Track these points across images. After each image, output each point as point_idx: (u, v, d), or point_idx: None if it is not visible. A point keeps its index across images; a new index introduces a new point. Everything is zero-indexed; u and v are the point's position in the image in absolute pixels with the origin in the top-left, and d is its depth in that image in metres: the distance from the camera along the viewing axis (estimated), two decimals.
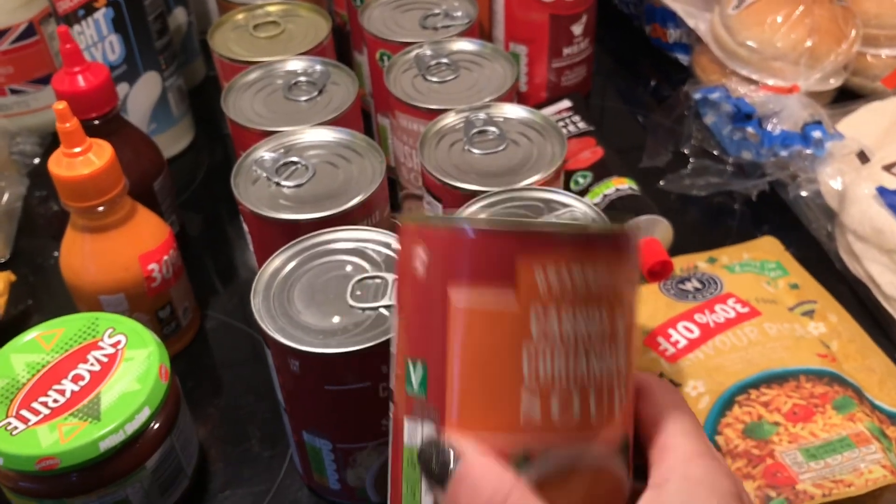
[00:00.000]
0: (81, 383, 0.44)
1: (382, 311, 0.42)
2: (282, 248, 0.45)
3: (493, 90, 0.57)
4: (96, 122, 0.57)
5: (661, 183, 0.67)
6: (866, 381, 0.50)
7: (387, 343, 0.40)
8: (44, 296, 0.63)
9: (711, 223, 0.66)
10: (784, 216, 0.65)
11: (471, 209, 0.47)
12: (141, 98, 0.70)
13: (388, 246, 0.46)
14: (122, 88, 0.69)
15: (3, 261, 0.66)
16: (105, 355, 0.46)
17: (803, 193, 0.63)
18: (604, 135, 0.70)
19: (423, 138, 0.52)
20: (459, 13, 0.64)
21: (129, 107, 0.70)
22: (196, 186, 0.74)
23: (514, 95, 0.59)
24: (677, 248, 0.61)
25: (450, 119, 0.54)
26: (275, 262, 0.45)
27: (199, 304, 0.61)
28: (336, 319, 0.42)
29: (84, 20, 0.65)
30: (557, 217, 0.46)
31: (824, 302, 0.56)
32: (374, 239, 0.46)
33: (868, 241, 0.58)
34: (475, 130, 0.53)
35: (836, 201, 0.61)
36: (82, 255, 0.52)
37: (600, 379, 0.28)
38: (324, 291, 0.44)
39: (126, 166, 0.59)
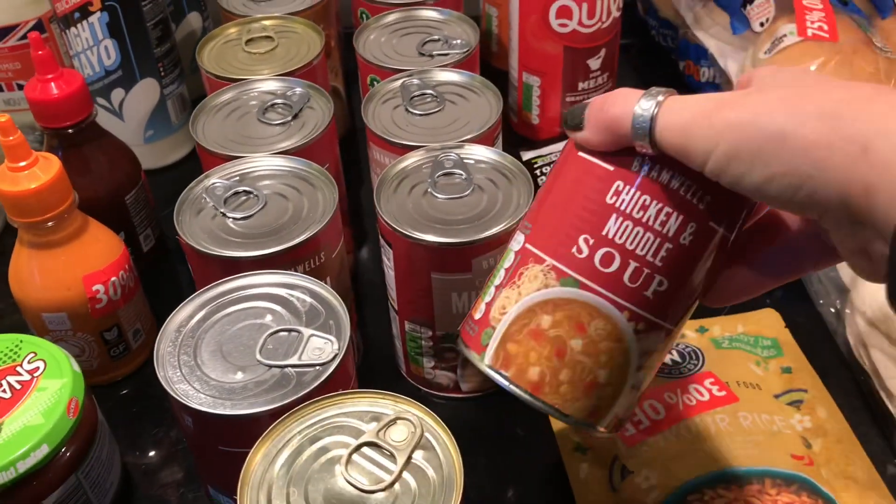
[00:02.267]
0: None
1: (289, 370, 0.39)
2: (198, 291, 0.43)
3: (475, 126, 0.54)
4: (70, 130, 0.56)
5: None
6: (844, 491, 0.45)
7: (285, 407, 0.37)
8: (8, 299, 0.62)
9: None
10: (792, 287, 0.58)
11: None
12: (136, 105, 0.69)
13: (314, 295, 0.43)
14: (117, 94, 0.68)
15: None
16: (20, 382, 0.44)
17: None
18: None
19: (382, 180, 0.49)
20: (459, 41, 0.61)
21: (124, 113, 0.69)
22: None
23: (498, 131, 0.55)
24: None
25: (416, 158, 0.51)
26: (189, 305, 0.43)
27: (160, 324, 0.59)
28: (239, 375, 0.39)
29: (80, 23, 0.64)
30: None
31: (816, 392, 0.50)
32: (301, 286, 0.43)
33: (877, 326, 0.52)
34: (441, 172, 0.50)
35: (848, 277, 0.55)
36: (27, 271, 0.51)
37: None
38: (234, 341, 0.41)
39: (97, 178, 0.58)
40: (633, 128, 0.31)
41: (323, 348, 0.39)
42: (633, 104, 0.31)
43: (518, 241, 0.35)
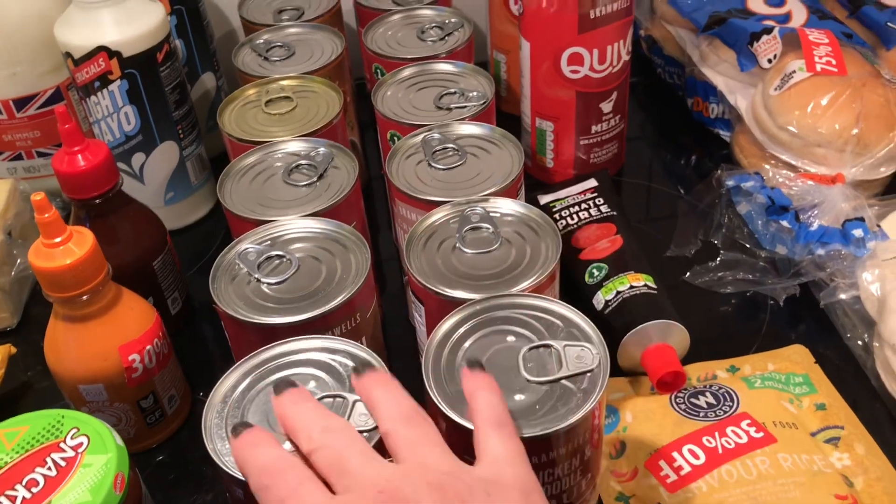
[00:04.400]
0: (35, 489, 0.43)
1: None
2: (242, 360, 0.43)
3: (499, 179, 0.55)
4: (97, 201, 0.56)
5: (687, 275, 0.63)
6: None
7: None
8: (37, 366, 0.63)
9: (738, 323, 0.61)
10: (818, 320, 0.59)
11: (451, 321, 0.44)
12: (157, 168, 0.69)
13: (355, 358, 0.43)
14: (137, 158, 0.68)
15: (9, 329, 0.66)
16: (64, 458, 0.44)
17: (842, 297, 0.58)
18: (630, 215, 0.66)
19: (410, 238, 0.50)
20: (475, 93, 0.62)
21: (144, 176, 0.69)
22: (213, 253, 0.73)
23: (521, 183, 0.56)
24: (698, 349, 0.57)
25: (443, 214, 0.51)
26: (233, 374, 0.43)
27: (193, 385, 0.59)
28: (288, 445, 0.39)
29: (100, 91, 0.65)
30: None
31: (852, 428, 0.51)
32: (342, 350, 0.44)
33: None
34: (468, 227, 0.50)
35: (875, 309, 0.56)
36: (63, 343, 0.51)
37: None
38: None
39: (125, 246, 0.58)
40: None
41: (368, 414, 0.40)
42: None
43: None
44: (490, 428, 0.36)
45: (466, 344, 0.43)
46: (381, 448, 0.36)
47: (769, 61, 0.68)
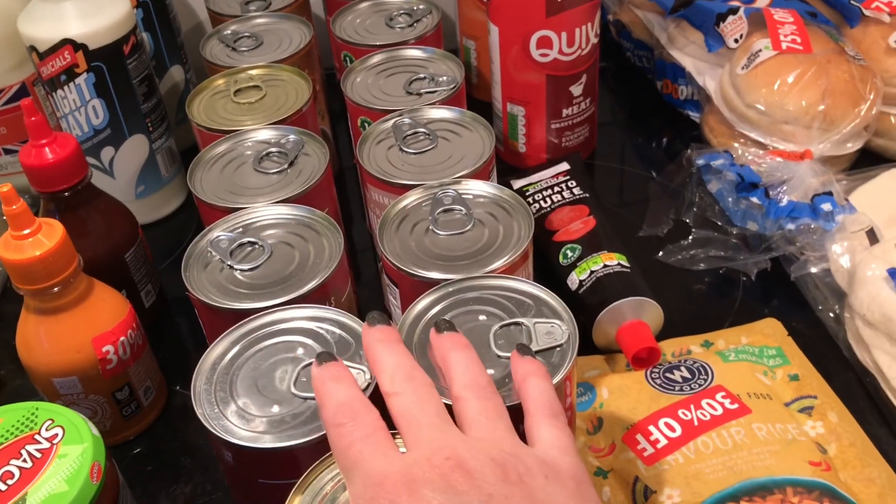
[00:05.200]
0: (10, 482, 0.42)
1: None
2: (230, 329, 0.43)
3: (470, 161, 0.55)
4: (66, 193, 0.56)
5: (660, 254, 0.63)
6: (864, 492, 0.46)
7: (323, 438, 0.37)
8: (9, 364, 0.62)
9: (711, 299, 0.61)
10: (790, 294, 0.60)
11: (425, 301, 0.44)
12: (127, 161, 0.69)
13: (342, 326, 0.43)
14: (107, 152, 0.68)
15: None
16: (39, 450, 0.44)
17: (812, 271, 0.59)
18: (603, 198, 0.66)
19: (383, 221, 0.50)
20: (445, 77, 0.62)
21: (114, 170, 0.69)
22: (185, 246, 0.73)
23: (493, 165, 0.56)
24: (672, 327, 0.57)
25: (415, 197, 0.52)
26: (221, 343, 0.43)
27: (169, 378, 0.59)
28: (275, 409, 0.40)
29: (66, 85, 0.64)
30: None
31: (825, 398, 0.51)
32: (329, 318, 0.44)
33: (877, 327, 0.53)
34: (441, 209, 0.50)
35: (845, 281, 0.57)
36: (35, 336, 0.51)
37: None
38: (268, 376, 0.41)
39: (96, 239, 0.58)
40: None
41: (356, 377, 0.40)
42: None
43: None
44: (544, 415, 0.36)
45: None
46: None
47: (736, 41, 0.69)
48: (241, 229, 0.51)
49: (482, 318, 0.43)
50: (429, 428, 0.34)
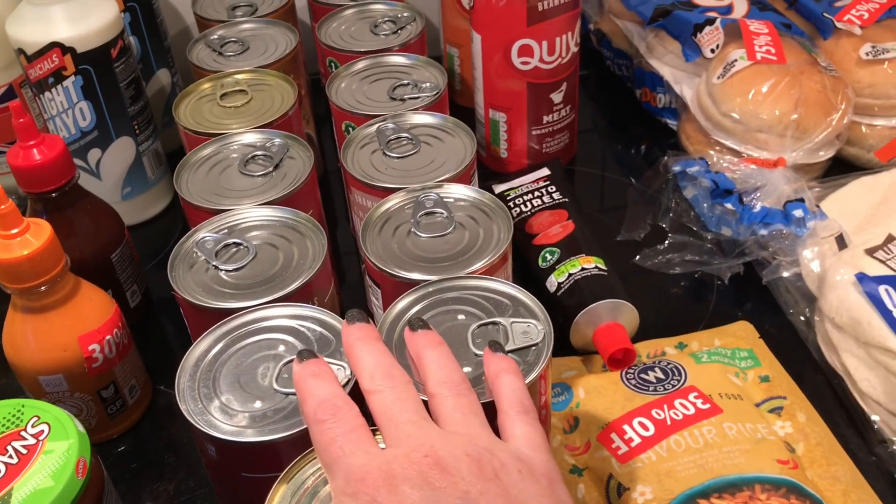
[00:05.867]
0: None
1: None
2: (214, 326, 0.44)
3: (452, 166, 0.56)
4: (53, 194, 0.57)
5: (637, 258, 0.65)
6: (829, 490, 0.47)
7: (304, 432, 0.38)
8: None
9: (686, 302, 0.63)
10: (763, 297, 0.62)
11: (405, 301, 0.45)
12: (113, 163, 0.70)
13: (324, 324, 0.44)
14: (94, 154, 0.69)
15: None
16: (25, 446, 0.44)
17: (784, 275, 0.60)
18: (583, 203, 0.68)
19: (366, 223, 0.51)
20: (428, 84, 0.63)
21: (101, 172, 0.70)
22: (171, 247, 0.73)
23: (474, 169, 0.57)
24: (647, 329, 0.59)
25: (397, 200, 0.53)
26: (204, 341, 0.44)
27: (154, 377, 0.60)
28: (258, 405, 0.41)
29: (54, 87, 0.65)
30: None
31: (794, 399, 0.53)
32: (311, 316, 0.45)
33: (845, 331, 0.54)
34: (423, 212, 0.52)
35: (815, 286, 0.58)
36: (21, 335, 0.51)
37: None
38: (250, 373, 0.42)
39: (83, 239, 0.59)
40: None
41: (337, 374, 0.41)
42: None
43: None
44: (516, 412, 0.37)
45: None
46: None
47: (712, 51, 0.71)
48: (226, 230, 0.52)
49: (461, 317, 0.44)
50: (407, 425, 0.35)
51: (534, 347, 0.42)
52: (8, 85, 0.72)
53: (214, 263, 0.49)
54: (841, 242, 0.58)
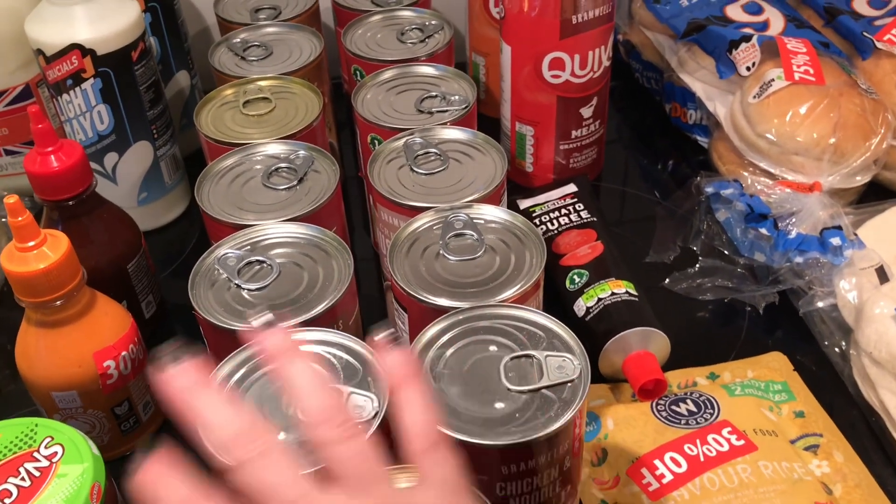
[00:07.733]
0: (8, 500, 0.42)
1: None
2: (237, 350, 0.42)
3: (481, 185, 0.54)
4: (70, 202, 0.55)
5: (666, 281, 0.63)
6: None
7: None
8: (5, 370, 0.61)
9: (716, 329, 0.61)
10: (797, 327, 0.60)
11: (434, 329, 0.43)
12: (130, 168, 0.68)
13: (350, 352, 0.42)
14: (110, 158, 0.67)
15: None
16: (38, 468, 0.43)
17: (819, 304, 0.58)
18: (610, 221, 0.66)
19: (394, 244, 0.49)
20: (457, 97, 0.61)
21: (117, 176, 0.68)
22: (187, 255, 0.72)
23: (504, 189, 0.55)
24: (678, 357, 0.57)
25: (426, 220, 0.51)
26: (227, 365, 0.42)
27: None
28: (282, 436, 0.39)
29: (72, 90, 0.63)
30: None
31: (831, 436, 0.51)
32: (337, 342, 0.43)
33: (884, 366, 0.53)
34: (452, 234, 0.50)
35: (852, 318, 0.56)
36: (35, 350, 0.50)
37: None
38: (275, 401, 0.40)
39: (99, 248, 0.57)
40: None
41: (364, 406, 0.39)
42: None
43: None
44: (428, 447, 0.34)
45: (449, 352, 0.42)
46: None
47: (748, 69, 0.69)
48: (248, 247, 0.50)
49: (492, 348, 0.42)
50: None
51: (569, 384, 0.40)
52: (24, 84, 0.70)
53: (237, 282, 0.48)
54: (882, 275, 0.56)
